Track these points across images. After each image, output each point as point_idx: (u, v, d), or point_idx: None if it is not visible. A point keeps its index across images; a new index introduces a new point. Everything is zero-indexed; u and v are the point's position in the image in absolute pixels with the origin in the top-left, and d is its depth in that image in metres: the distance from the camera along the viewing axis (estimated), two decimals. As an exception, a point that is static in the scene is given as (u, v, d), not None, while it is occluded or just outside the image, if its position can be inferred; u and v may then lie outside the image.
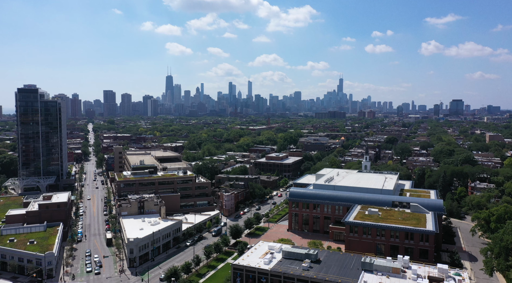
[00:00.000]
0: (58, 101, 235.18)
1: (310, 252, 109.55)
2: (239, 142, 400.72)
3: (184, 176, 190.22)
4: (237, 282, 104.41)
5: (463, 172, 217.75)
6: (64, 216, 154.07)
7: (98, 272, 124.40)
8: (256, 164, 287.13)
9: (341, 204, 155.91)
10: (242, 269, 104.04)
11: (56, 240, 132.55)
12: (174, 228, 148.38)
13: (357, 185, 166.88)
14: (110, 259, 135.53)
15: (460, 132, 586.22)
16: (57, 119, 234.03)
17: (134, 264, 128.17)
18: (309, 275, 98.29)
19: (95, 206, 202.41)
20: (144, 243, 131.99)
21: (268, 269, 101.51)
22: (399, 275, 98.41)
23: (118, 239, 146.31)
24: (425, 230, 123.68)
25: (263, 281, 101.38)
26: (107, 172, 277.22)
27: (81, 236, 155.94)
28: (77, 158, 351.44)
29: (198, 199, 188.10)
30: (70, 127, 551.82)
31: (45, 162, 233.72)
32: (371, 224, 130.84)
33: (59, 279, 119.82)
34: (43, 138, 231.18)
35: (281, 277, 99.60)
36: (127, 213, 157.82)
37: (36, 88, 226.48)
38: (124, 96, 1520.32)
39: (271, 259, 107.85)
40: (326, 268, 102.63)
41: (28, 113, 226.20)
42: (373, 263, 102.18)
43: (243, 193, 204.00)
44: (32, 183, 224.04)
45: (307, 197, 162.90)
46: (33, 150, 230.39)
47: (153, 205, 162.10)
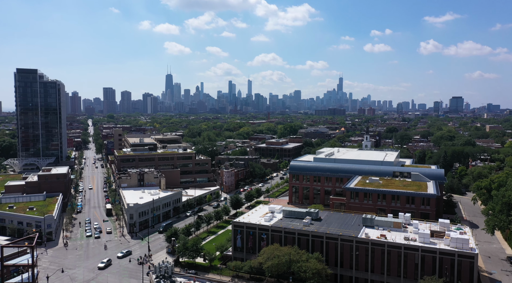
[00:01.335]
0: (58, 82, 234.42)
1: (311, 210, 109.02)
2: (239, 131, 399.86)
3: (184, 152, 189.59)
4: (238, 239, 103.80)
5: (464, 152, 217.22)
6: (63, 188, 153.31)
7: (98, 236, 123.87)
8: (256, 149, 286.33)
9: (341, 176, 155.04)
10: (243, 226, 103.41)
11: (55, 207, 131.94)
12: (174, 198, 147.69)
13: (358, 158, 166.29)
14: (110, 226, 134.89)
15: (460, 124, 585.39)
16: (56, 101, 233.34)
17: (134, 229, 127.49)
18: (310, 229, 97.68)
19: (94, 184, 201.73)
20: (143, 209, 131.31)
21: (269, 225, 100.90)
22: (400, 230, 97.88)
23: (118, 209, 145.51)
24: (426, 194, 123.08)
25: (264, 237, 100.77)
26: (107, 156, 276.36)
27: (81, 208, 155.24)
28: (77, 145, 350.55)
29: (198, 175, 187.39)
30: (70, 119, 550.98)
31: (45, 144, 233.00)
32: (372, 189, 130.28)
33: (58, 243, 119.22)
34: (42, 119, 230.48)
35: (282, 232, 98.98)
36: (127, 185, 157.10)
37: (35, 69, 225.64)
38: (124, 94, 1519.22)
39: (271, 217, 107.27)
40: (327, 224, 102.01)
41: (27, 94, 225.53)
42: (374, 219, 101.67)
43: (243, 172, 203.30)
44: (31, 162, 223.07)
45: (308, 169, 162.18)
46: (32, 132, 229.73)
47: (153, 177, 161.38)
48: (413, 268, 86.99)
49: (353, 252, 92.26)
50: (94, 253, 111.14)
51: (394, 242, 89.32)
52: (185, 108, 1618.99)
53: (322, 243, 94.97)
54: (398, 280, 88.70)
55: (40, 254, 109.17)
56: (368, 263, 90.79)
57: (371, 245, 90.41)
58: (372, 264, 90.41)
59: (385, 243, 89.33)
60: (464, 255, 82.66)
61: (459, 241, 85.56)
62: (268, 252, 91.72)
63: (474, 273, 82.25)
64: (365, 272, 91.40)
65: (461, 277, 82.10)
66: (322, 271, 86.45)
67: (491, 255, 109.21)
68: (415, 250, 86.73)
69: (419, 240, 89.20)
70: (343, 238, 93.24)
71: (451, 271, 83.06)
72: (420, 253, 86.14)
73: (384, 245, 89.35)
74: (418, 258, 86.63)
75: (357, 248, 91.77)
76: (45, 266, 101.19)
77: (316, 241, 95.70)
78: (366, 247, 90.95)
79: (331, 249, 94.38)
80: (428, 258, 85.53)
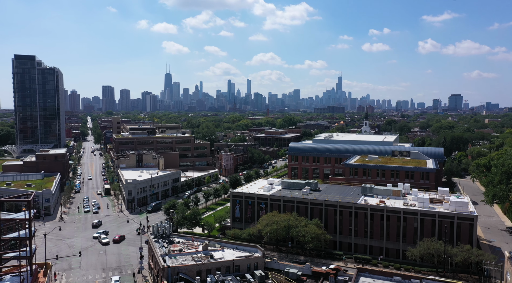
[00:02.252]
0: (56, 69, 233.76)
1: (310, 181, 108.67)
2: (238, 123, 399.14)
3: (183, 136, 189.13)
4: (236, 209, 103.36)
5: (463, 138, 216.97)
6: (61, 168, 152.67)
7: (96, 211, 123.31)
8: (255, 138, 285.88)
9: (341, 156, 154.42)
10: (242, 196, 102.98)
11: (53, 184, 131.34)
12: (173, 178, 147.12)
13: (357, 139, 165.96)
14: (108, 203, 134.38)
15: (459, 119, 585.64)
16: (54, 88, 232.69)
17: (132, 205, 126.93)
18: (309, 197, 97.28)
19: (93, 170, 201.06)
20: (142, 186, 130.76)
21: (268, 195, 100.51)
22: (399, 197, 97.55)
23: (116, 187, 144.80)
24: (426, 168, 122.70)
25: (263, 206, 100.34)
26: (106, 145, 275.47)
27: (79, 188, 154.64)
28: (76, 137, 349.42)
29: (197, 159, 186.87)
30: (68, 113, 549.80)
31: (43, 131, 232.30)
32: (371, 165, 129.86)
33: (56, 217, 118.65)
34: (40, 107, 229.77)
35: (281, 201, 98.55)
36: (125, 165, 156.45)
37: (33, 55, 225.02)
38: (123, 92, 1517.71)
39: (270, 188, 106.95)
40: (326, 194, 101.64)
41: (25, 80, 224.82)
42: (373, 188, 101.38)
43: (242, 157, 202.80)
44: (29, 148, 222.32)
45: (307, 150, 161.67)
46: (31, 119, 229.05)
47: (151, 158, 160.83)
48: (412, 233, 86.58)
49: (352, 218, 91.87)
50: (93, 225, 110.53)
51: (393, 207, 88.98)
52: (184, 106, 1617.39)
53: (321, 210, 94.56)
54: (397, 245, 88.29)
55: (38, 226, 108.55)
56: (367, 229, 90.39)
57: (370, 210, 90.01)
58: (371, 230, 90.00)
59: (384, 208, 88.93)
60: (463, 217, 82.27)
61: (458, 204, 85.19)
62: (267, 219, 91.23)
63: (473, 235, 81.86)
64: (364, 238, 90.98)
65: (460, 239, 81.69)
66: (321, 235, 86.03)
67: (490, 227, 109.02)
68: (414, 214, 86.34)
69: (418, 206, 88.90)
70: (342, 204, 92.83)
71: (451, 234, 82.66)
72: (420, 217, 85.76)
73: (383, 210, 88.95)
74: (417, 222, 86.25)
75: (356, 214, 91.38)
76: (43, 236, 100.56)
77: (315, 209, 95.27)
78: (365, 213, 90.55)
79: (330, 216, 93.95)
80: (427, 222, 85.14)
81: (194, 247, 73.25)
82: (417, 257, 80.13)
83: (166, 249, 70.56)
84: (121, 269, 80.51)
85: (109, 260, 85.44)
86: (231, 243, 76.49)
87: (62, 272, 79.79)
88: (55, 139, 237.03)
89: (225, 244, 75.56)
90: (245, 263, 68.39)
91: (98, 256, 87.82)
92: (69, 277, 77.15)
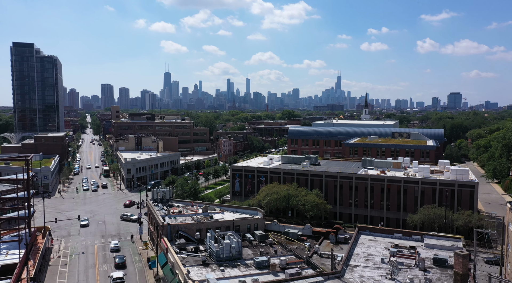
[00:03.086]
0: (55, 58, 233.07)
1: (310, 156, 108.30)
2: (237, 116, 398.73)
3: (182, 122, 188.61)
4: (236, 183, 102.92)
5: (463, 125, 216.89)
6: (60, 150, 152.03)
7: (95, 189, 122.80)
8: (255, 128, 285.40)
9: (340, 138, 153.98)
10: (241, 170, 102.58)
11: (52, 162, 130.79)
12: (172, 159, 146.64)
13: (357, 123, 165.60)
14: (108, 183, 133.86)
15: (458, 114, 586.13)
16: (53, 76, 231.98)
17: (131, 183, 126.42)
18: (309, 169, 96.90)
19: (92, 157, 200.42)
20: (141, 165, 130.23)
21: (268, 168, 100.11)
22: (400, 169, 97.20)
23: (115, 168, 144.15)
24: (426, 146, 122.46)
25: (262, 179, 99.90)
26: (105, 135, 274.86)
27: (78, 170, 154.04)
28: (75, 129, 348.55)
29: (196, 144, 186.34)
30: (67, 108, 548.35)
31: (41, 119, 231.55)
32: (371, 144, 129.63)
33: (55, 194, 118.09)
34: (39, 94, 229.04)
35: (281, 174, 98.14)
36: (124, 148, 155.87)
37: (31, 43, 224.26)
38: (122, 90, 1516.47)
39: (270, 163, 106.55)
40: (326, 167, 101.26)
41: (23, 68, 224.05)
42: (374, 161, 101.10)
43: (242, 144, 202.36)
44: (28, 135, 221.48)
45: (306, 134, 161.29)
46: (29, 107, 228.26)
47: (150, 142, 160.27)
48: (412, 202, 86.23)
49: (353, 189, 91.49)
50: (91, 201, 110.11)
51: (394, 176, 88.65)
52: (184, 105, 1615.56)
53: (321, 181, 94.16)
54: (398, 215, 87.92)
55: (37, 202, 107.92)
56: (367, 199, 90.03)
57: (370, 180, 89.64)
58: (372, 200, 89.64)
59: (384, 177, 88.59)
60: (464, 184, 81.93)
61: (459, 172, 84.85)
62: (266, 190, 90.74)
63: (474, 201, 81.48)
64: (365, 209, 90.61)
65: (461, 206, 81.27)
66: (322, 205, 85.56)
67: (490, 202, 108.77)
68: (415, 183, 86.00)
69: (419, 175, 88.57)
70: (343, 175, 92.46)
71: (452, 201, 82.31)
72: (420, 185, 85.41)
73: (383, 179, 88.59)
74: (418, 191, 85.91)
75: (357, 184, 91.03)
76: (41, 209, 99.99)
77: (315, 180, 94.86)
78: (366, 183, 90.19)
79: (330, 187, 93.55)
80: (428, 190, 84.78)
81: (194, 210, 72.80)
82: (417, 223, 79.73)
83: (166, 211, 70.12)
84: (120, 236, 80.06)
85: (108, 229, 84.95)
86: (231, 206, 76.07)
87: (61, 238, 79.26)
88: (54, 128, 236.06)
89: (225, 208, 75.12)
90: (245, 223, 67.94)
91: (97, 226, 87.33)
92: (68, 242, 76.62)
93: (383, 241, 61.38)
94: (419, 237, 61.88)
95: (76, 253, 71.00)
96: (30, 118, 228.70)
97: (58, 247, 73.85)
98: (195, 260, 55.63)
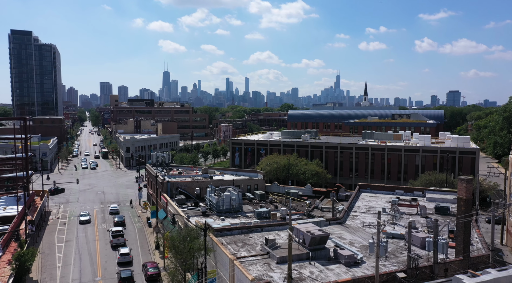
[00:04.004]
0: (53, 46, 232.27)
1: (310, 130, 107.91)
2: (236, 109, 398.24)
3: (181, 107, 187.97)
4: (236, 157, 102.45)
5: (463, 113, 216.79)
6: (59, 133, 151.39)
7: (94, 167, 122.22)
8: (254, 119, 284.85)
9: (340, 121, 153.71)
10: (241, 143, 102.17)
11: (51, 141, 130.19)
12: (171, 141, 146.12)
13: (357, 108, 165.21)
14: (107, 163, 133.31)
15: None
16: (52, 64, 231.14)
17: (130, 162, 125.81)
18: (309, 141, 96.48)
19: (91, 143, 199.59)
20: (140, 144, 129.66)
21: (268, 140, 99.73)
22: (400, 141, 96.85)
23: (115, 147, 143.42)
24: (426, 123, 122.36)
25: (262, 152, 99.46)
26: (104, 125, 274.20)
27: (77, 152, 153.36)
28: (73, 120, 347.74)
29: (196, 130, 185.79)
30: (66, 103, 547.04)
31: (40, 108, 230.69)
32: (371, 122, 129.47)
33: (54, 171, 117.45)
34: (37, 83, 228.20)
35: (281, 146, 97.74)
36: (123, 131, 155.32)
37: (29, 31, 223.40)
38: (121, 88, 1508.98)
39: (270, 137, 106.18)
40: (326, 140, 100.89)
41: (21, 56, 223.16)
42: (374, 133, 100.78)
43: (241, 131, 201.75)
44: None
45: (306, 116, 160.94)
46: (28, 95, 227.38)
47: (149, 125, 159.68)
48: (413, 170, 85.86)
49: (353, 159, 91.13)
50: (90, 176, 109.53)
51: (395, 145, 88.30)
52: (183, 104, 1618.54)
53: (321, 152, 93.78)
54: (398, 184, 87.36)
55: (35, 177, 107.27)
56: (368, 169, 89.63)
57: (371, 150, 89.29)
58: (372, 169, 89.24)
59: (385, 147, 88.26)
60: (465, 151, 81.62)
61: (460, 140, 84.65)
62: (266, 161, 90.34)
63: (475, 168, 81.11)
64: (365, 179, 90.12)
65: (462, 172, 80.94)
66: (322, 174, 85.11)
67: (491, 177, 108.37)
68: (416, 151, 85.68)
69: (420, 144, 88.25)
70: (343, 146, 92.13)
71: (453, 167, 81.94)
72: (421, 153, 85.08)
73: (384, 149, 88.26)
74: (419, 159, 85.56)
75: (357, 154, 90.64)
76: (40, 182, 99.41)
77: (315, 152, 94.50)
78: (366, 153, 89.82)
79: (330, 158, 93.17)
80: (429, 158, 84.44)
81: (194, 173, 72.30)
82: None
83: (165, 173, 69.59)
84: (120, 203, 79.46)
85: (107, 197, 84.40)
86: (231, 169, 75.63)
87: (59, 204, 78.68)
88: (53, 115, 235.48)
89: (225, 171, 74.67)
90: (246, 183, 67.47)
91: (96, 195, 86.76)
92: (66, 208, 76.02)
93: (384, 197, 61.00)
94: (421, 192, 61.52)
95: (75, 215, 70.42)
96: (29, 106, 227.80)
97: (56, 211, 73.27)
98: (195, 212, 55.11)
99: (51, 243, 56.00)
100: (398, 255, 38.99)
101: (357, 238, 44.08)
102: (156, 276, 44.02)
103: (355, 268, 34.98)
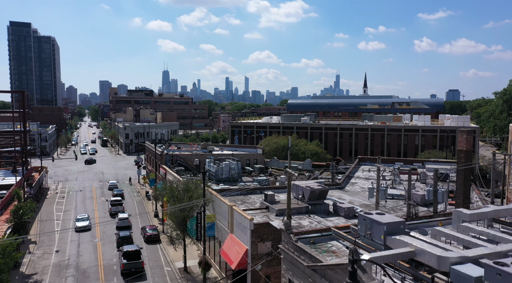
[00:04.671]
0: (52, 38, 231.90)
1: (310, 113, 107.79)
2: (235, 104, 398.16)
3: (181, 97, 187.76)
4: (235, 140, 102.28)
5: (462, 105, 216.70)
6: (58, 121, 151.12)
7: (92, 153, 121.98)
8: (254, 112, 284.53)
9: (340, 110, 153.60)
10: (240, 126, 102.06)
11: (50, 127, 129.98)
12: (171, 129, 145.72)
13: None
14: (106, 150, 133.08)
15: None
16: (51, 57, 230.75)
17: (129, 148, 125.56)
18: (308, 123, 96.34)
19: (90, 134, 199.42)
20: (139, 130, 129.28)
21: (267, 123, 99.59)
22: (400, 123, 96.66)
23: (115, 134, 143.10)
24: (426, 108, 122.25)
25: (262, 134, 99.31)
26: (103, 118, 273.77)
27: (76, 141, 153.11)
28: (73, 114, 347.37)
29: (195, 120, 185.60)
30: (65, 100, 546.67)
31: (39, 101, 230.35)
32: (371, 108, 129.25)
33: (53, 157, 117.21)
34: (36, 75, 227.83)
35: (280, 128, 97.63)
36: (123, 120, 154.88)
37: (28, 23, 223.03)
38: (121, 87, 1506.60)
39: (270, 120, 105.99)
40: (326, 122, 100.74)
41: (20, 48, 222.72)
42: (374, 115, 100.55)
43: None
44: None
45: (306, 106, 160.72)
46: (27, 87, 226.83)
47: (149, 114, 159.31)
48: (413, 150, 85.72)
49: (353, 140, 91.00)
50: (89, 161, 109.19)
51: (394, 125, 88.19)
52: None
53: (321, 134, 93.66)
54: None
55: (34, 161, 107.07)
56: (367, 150, 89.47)
57: (370, 131, 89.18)
58: (372, 150, 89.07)
59: (385, 127, 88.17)
60: (465, 130, 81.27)
61: (460, 119, 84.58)
62: (265, 142, 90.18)
63: (476, 147, 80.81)
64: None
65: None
66: (321, 154, 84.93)
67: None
68: (416, 131, 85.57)
69: (420, 124, 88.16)
70: (343, 127, 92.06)
71: (453, 147, 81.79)
72: (421, 133, 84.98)
73: (384, 129, 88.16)
74: (418, 139, 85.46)
75: (357, 135, 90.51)
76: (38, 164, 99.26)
77: (315, 133, 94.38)
78: (366, 133, 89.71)
79: (330, 139, 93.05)
80: (429, 137, 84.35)
81: (193, 149, 72.12)
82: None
83: (164, 147, 69.37)
84: (119, 181, 79.23)
85: (106, 177, 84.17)
86: (231, 146, 75.46)
87: (58, 181, 78.48)
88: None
89: (224, 147, 74.48)
90: (245, 157, 67.33)
91: (95, 175, 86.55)
92: (65, 184, 75.82)
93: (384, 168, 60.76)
94: (420, 164, 61.40)
95: (74, 190, 70.22)
96: (28, 97, 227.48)
97: (55, 187, 73.07)
98: (194, 181, 54.90)
99: (50, 212, 55.83)
100: (398, 211, 38.96)
101: (357, 199, 44.10)
102: (154, 237, 43.84)
103: (355, 220, 34.83)
